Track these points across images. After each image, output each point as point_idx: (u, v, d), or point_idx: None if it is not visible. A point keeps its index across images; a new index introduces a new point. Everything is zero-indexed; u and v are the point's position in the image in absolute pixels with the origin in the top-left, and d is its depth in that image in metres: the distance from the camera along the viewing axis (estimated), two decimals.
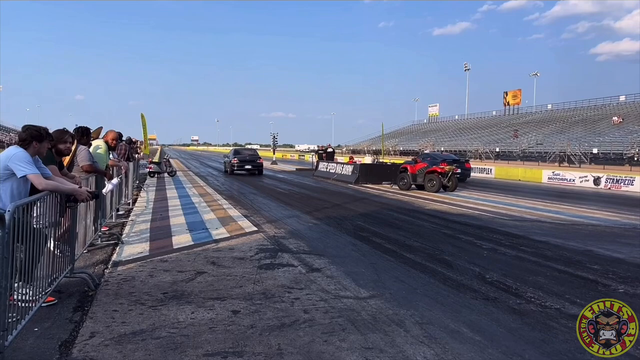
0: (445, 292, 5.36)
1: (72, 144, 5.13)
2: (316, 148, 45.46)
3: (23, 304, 3.65)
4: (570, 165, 40.80)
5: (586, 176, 25.30)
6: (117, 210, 9.95)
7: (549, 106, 75.52)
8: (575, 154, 45.21)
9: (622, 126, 51.41)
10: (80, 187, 4.74)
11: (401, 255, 7.10)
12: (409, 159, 23.04)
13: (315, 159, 34.77)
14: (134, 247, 7.23)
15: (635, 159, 39.26)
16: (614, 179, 23.62)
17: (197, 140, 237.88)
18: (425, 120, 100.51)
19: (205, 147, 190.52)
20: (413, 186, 18.93)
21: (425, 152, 40.37)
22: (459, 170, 19.21)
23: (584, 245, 8.16)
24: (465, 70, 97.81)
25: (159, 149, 46.93)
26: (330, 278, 5.75)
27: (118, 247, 7.14)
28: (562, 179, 26.67)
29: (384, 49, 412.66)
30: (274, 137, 45.94)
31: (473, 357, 3.63)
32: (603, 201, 16.89)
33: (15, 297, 3.58)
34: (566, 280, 5.93)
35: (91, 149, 7.11)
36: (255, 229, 9.06)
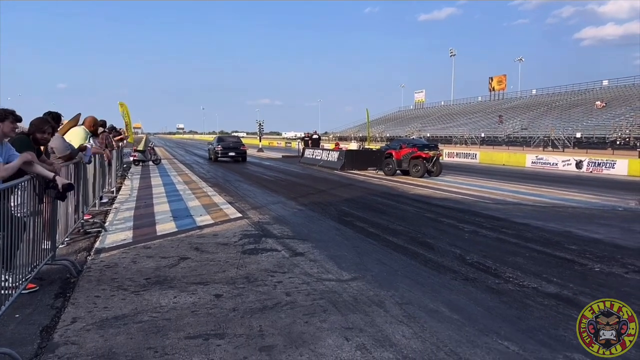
0: (426, 273, 5.45)
1: (51, 134, 5.06)
2: (303, 135, 45.37)
3: (3, 291, 3.65)
4: (554, 150, 41.29)
5: (569, 160, 25.66)
6: (101, 198, 9.89)
7: (534, 91, 76.04)
8: (559, 139, 45.72)
9: (605, 110, 52.03)
10: (58, 174, 4.71)
11: (384, 239, 7.18)
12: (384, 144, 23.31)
13: (301, 146, 34.74)
14: (118, 234, 7.21)
15: (618, 142, 39.84)
16: (595, 163, 24.00)
17: (182, 129, 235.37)
18: (411, 107, 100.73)
19: (191, 136, 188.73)
20: (398, 172, 19.04)
21: (411, 138, 40.50)
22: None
23: (563, 227, 8.32)
24: (451, 55, 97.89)
25: (144, 137, 46.41)
26: (313, 262, 5.81)
27: (101, 235, 7.12)
28: (545, 163, 27.02)
29: (369, 35, 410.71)
30: (260, 124, 45.75)
31: (450, 335, 3.72)
32: (584, 184, 17.17)
33: None
34: (544, 261, 6.05)
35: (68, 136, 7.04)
36: (240, 215, 9.08)
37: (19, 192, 4.07)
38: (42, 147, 5.08)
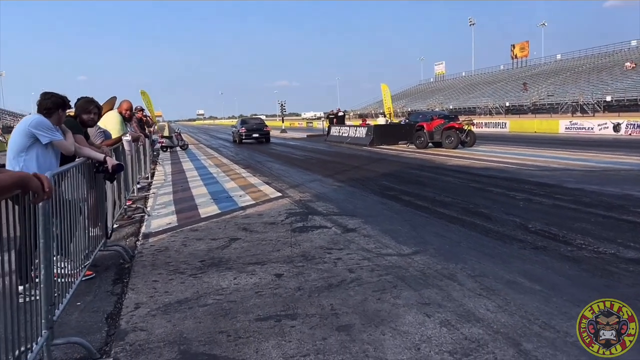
0: (490, 244, 5.16)
1: (97, 115, 4.89)
2: (323, 115, 44.95)
3: (62, 279, 3.50)
4: (584, 115, 40.00)
5: (605, 123, 24.71)
6: (138, 183, 9.80)
7: (558, 56, 73.92)
8: (588, 103, 44.32)
9: (636, 71, 50.18)
10: (108, 155, 4.55)
11: (435, 211, 6.89)
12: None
13: (326, 124, 34.43)
14: (162, 219, 7.08)
15: None
16: (634, 125, 23.02)
17: (202, 115, 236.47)
18: (431, 80, 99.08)
19: (211, 121, 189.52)
20: (430, 144, 18.60)
21: (432, 111, 39.74)
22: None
23: (622, 190, 7.88)
24: (470, 25, 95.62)
25: (166, 124, 46.67)
26: (368, 237, 5.57)
27: (146, 220, 7.00)
28: (580, 128, 26.12)
29: (386, 9, 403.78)
30: (282, 105, 45.39)
31: (539, 306, 3.45)
32: (628, 147, 16.45)
33: (55, 271, 3.42)
34: (614, 225, 5.69)
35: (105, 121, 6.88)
36: (280, 194, 8.88)
37: (72, 177, 3.91)
38: (88, 130, 4.93)
